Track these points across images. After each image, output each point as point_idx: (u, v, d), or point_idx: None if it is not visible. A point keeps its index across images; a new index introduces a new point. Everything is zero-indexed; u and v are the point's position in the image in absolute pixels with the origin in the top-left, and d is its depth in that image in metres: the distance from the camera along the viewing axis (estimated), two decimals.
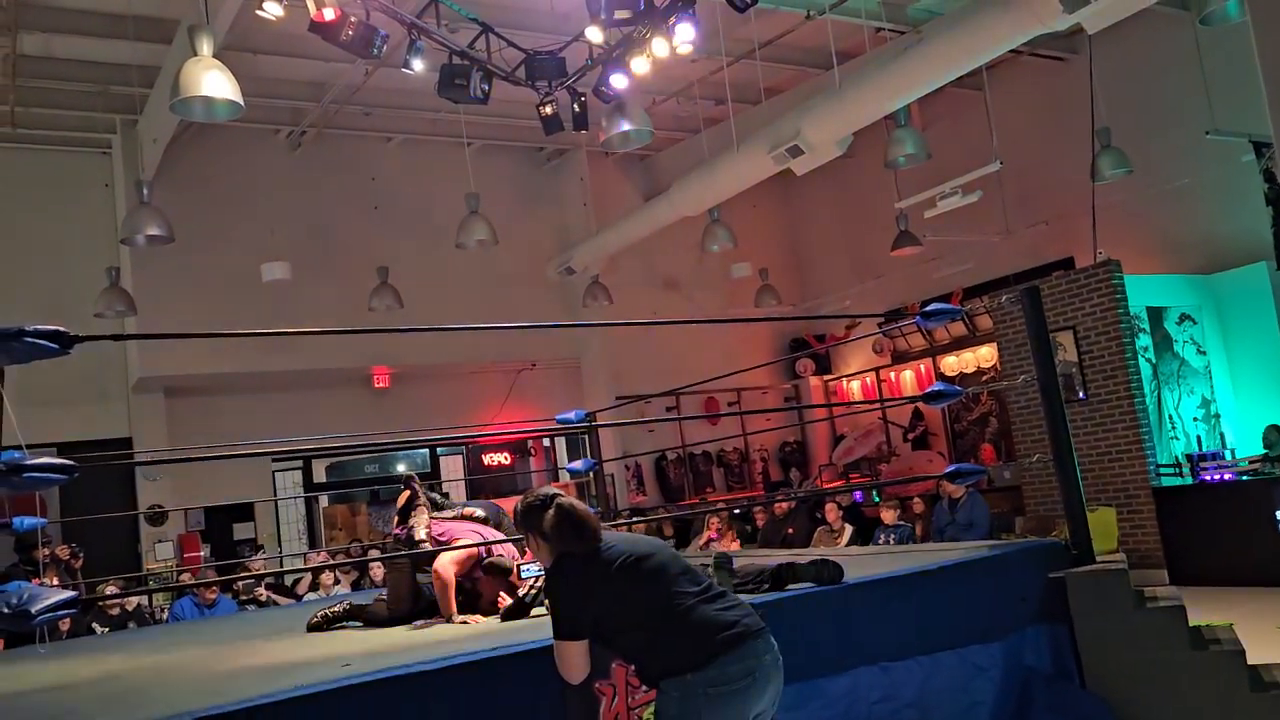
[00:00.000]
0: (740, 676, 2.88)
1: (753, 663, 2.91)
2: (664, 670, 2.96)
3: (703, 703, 2.86)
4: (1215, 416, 9.70)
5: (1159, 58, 10.35)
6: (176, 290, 10.84)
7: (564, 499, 3.13)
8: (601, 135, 8.22)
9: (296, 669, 3.73)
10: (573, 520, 3.07)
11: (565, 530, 3.06)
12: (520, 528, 3.22)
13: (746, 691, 2.88)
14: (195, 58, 6.19)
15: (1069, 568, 4.66)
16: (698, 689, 2.87)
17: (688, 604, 2.99)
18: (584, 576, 3.04)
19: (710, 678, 2.86)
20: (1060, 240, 11.26)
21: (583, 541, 3.07)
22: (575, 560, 3.06)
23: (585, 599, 3.02)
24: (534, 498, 3.17)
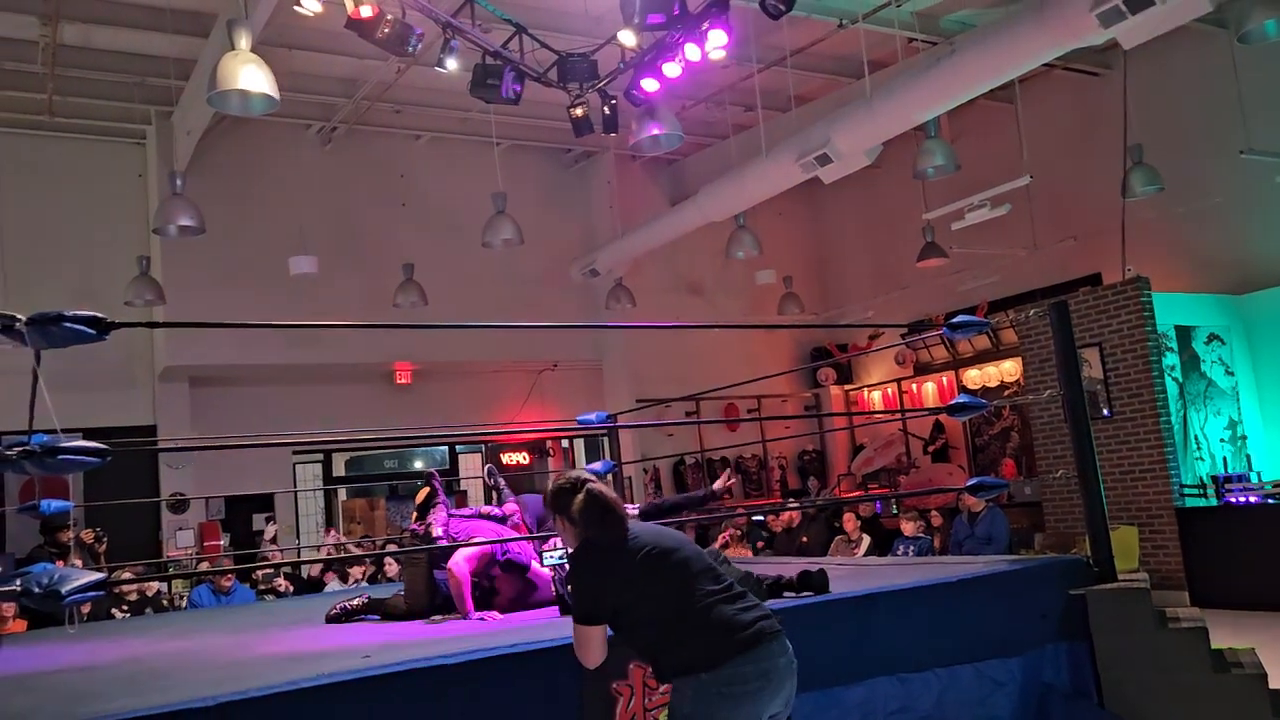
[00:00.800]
0: (754, 678, 2.87)
1: (767, 665, 2.89)
2: (679, 668, 2.95)
3: (717, 702, 2.85)
4: (1242, 438, 9.61)
5: (1194, 75, 10.27)
6: (205, 281, 10.94)
7: (595, 485, 3.13)
8: (631, 138, 8.24)
9: (316, 659, 3.76)
10: (600, 507, 3.06)
11: (592, 516, 3.06)
12: (549, 509, 3.22)
13: (760, 693, 2.87)
14: (233, 52, 6.26)
15: (1090, 585, 4.62)
16: (711, 688, 2.86)
17: (706, 602, 2.98)
18: (605, 564, 3.04)
19: (724, 677, 2.85)
20: (1088, 256, 11.19)
21: (607, 529, 3.06)
22: (599, 547, 3.06)
23: (605, 586, 3.02)
24: (565, 480, 3.17)
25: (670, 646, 2.98)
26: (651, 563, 3.03)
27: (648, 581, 3.01)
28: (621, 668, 3.53)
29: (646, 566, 3.03)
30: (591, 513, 3.06)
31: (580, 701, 3.47)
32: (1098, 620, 4.53)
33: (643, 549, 3.05)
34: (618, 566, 3.03)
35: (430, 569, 5.16)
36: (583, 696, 3.47)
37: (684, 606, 2.98)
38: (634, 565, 3.03)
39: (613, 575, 3.03)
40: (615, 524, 3.08)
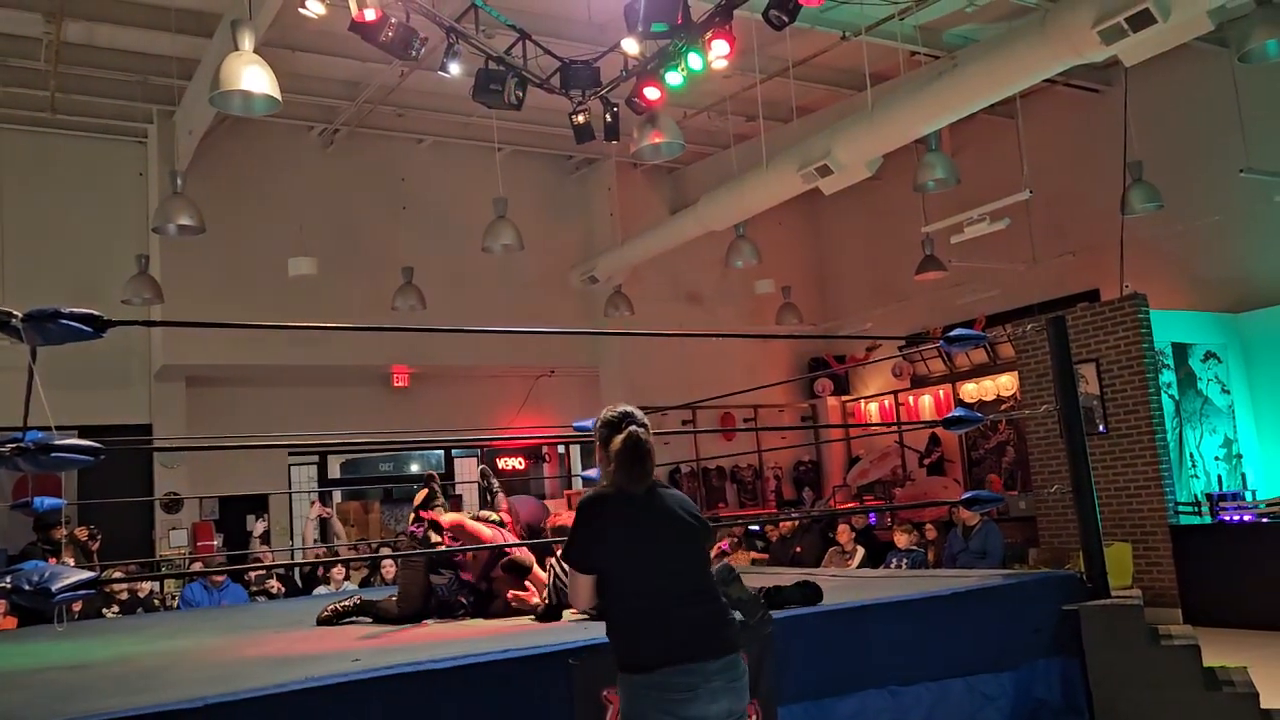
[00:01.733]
0: (682, 689, 2.82)
1: (697, 679, 2.83)
2: (623, 662, 2.95)
3: (645, 706, 2.83)
4: (1237, 457, 9.61)
5: (1195, 93, 10.30)
6: (203, 281, 10.94)
7: (638, 429, 3.07)
8: (632, 146, 8.25)
9: (306, 661, 3.75)
10: (634, 455, 3.02)
11: (623, 458, 3.02)
12: (596, 433, 3.18)
13: (684, 704, 2.81)
14: (236, 52, 6.26)
15: (1083, 601, 4.63)
16: (642, 690, 2.85)
17: (665, 602, 2.93)
18: (607, 516, 3.01)
19: (654, 682, 2.83)
20: (1087, 272, 11.20)
21: (628, 479, 3.02)
22: (612, 499, 3.03)
23: (598, 539, 3.00)
24: (617, 414, 3.14)
25: (622, 634, 2.97)
26: (651, 535, 3.00)
27: (639, 554, 2.97)
28: (612, 675, 3.52)
29: (645, 537, 3.00)
30: (624, 455, 3.02)
31: (571, 708, 3.46)
32: (1090, 636, 4.53)
33: (647, 518, 3.01)
34: (623, 521, 3.00)
35: (427, 573, 5.14)
36: (574, 703, 3.46)
37: (653, 597, 2.94)
38: (636, 530, 3.00)
39: (608, 529, 3.00)
40: (637, 477, 3.03)
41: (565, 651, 3.49)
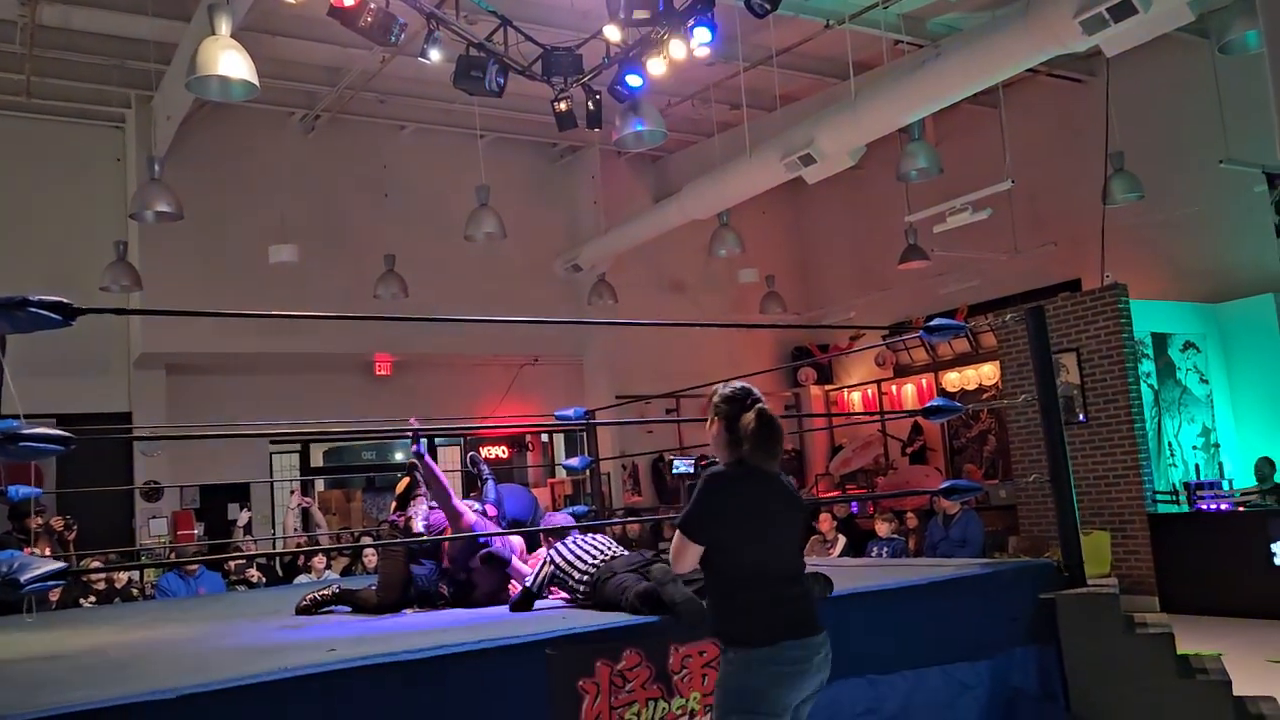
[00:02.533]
0: (800, 660, 2.95)
1: (810, 653, 2.98)
2: (735, 636, 3.00)
3: (765, 678, 2.93)
4: (1215, 446, 9.68)
5: (1176, 84, 10.34)
6: (183, 268, 10.85)
7: (765, 405, 3.14)
8: (615, 134, 8.22)
9: (282, 651, 3.73)
10: (770, 431, 3.07)
11: (758, 436, 3.05)
12: (712, 410, 3.18)
13: (801, 676, 2.95)
14: (213, 36, 6.19)
15: (1060, 589, 4.65)
16: (761, 664, 2.93)
17: (778, 579, 3.04)
18: (738, 492, 3.05)
19: (775, 656, 2.93)
20: (1068, 262, 11.25)
21: (764, 455, 3.07)
22: (736, 476, 3.06)
23: (725, 514, 3.03)
24: (739, 389, 3.18)
25: (736, 611, 3.02)
26: (769, 516, 3.06)
27: (757, 529, 3.03)
28: (588, 665, 3.53)
29: (766, 514, 3.06)
30: (761, 431, 3.05)
31: (548, 698, 3.46)
32: (1066, 625, 4.55)
33: (771, 496, 3.09)
34: (746, 499, 3.04)
35: (407, 562, 5.12)
36: (550, 694, 3.46)
37: (768, 574, 3.02)
38: (757, 508, 3.05)
39: (737, 505, 3.04)
40: (774, 453, 3.10)
41: (541, 642, 3.48)
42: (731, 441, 3.10)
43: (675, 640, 3.74)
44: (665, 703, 3.70)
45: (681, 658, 3.76)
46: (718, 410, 3.16)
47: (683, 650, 3.75)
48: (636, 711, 3.63)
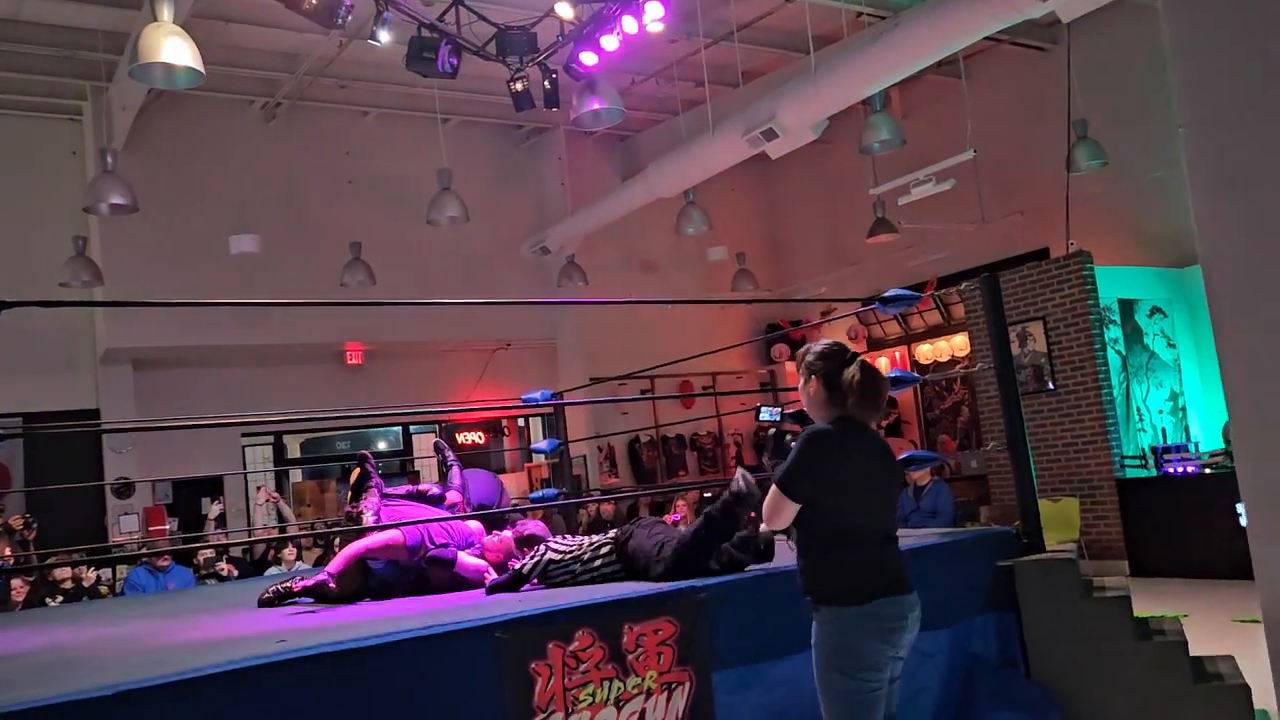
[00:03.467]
0: (895, 618, 2.98)
1: (905, 609, 3.01)
2: (830, 595, 3.01)
3: (861, 636, 2.96)
4: (1182, 410, 9.75)
5: (1137, 49, 10.32)
6: (144, 261, 10.73)
7: (865, 359, 3.13)
8: (572, 113, 8.15)
9: (235, 644, 3.69)
10: (875, 385, 3.06)
11: (864, 390, 3.03)
12: (806, 369, 3.16)
13: (893, 634, 2.99)
14: (155, 23, 6.08)
15: (1019, 556, 4.66)
16: (857, 622, 2.96)
17: (875, 538, 3.05)
18: (835, 451, 3.02)
19: (870, 613, 2.95)
20: (1035, 231, 11.26)
21: (870, 409, 3.08)
22: (837, 435, 3.03)
23: (825, 472, 3.01)
24: (833, 345, 3.18)
25: (830, 570, 3.03)
26: (869, 476, 3.05)
27: (857, 490, 3.02)
28: (540, 647, 3.50)
29: (865, 472, 3.04)
30: (866, 385, 3.04)
31: (500, 682, 3.44)
32: (1024, 591, 4.57)
33: (871, 455, 3.08)
34: (848, 458, 3.02)
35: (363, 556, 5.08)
36: (502, 678, 3.44)
37: (867, 532, 3.03)
38: (858, 466, 3.03)
39: (839, 464, 3.02)
40: (878, 407, 3.09)
41: (492, 625, 3.45)
42: (833, 398, 3.08)
43: (629, 619, 3.72)
44: (620, 682, 3.68)
45: (636, 636, 3.74)
46: (813, 368, 3.14)
47: (637, 629, 3.74)
48: (591, 692, 3.61)
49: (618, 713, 3.64)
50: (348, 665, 3.21)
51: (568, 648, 3.56)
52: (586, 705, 3.57)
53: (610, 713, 3.62)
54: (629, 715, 3.66)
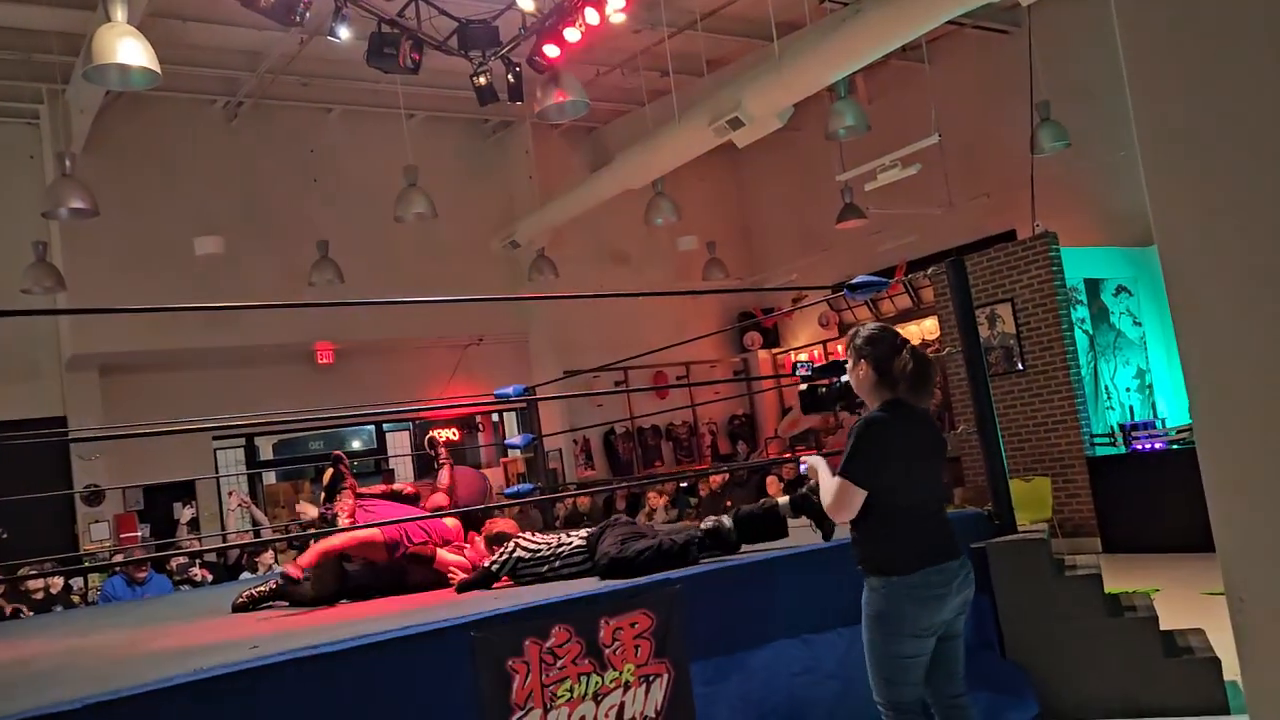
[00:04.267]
0: (939, 585, 3.06)
1: (950, 576, 3.09)
2: (880, 565, 3.10)
3: (906, 603, 3.04)
4: (1149, 387, 9.86)
5: (1096, 31, 10.38)
6: (108, 265, 10.58)
7: (915, 345, 3.18)
8: (537, 106, 8.10)
9: (206, 651, 3.65)
10: (927, 372, 3.13)
11: (915, 376, 3.10)
12: (855, 352, 3.20)
13: (943, 599, 3.07)
14: (109, 24, 5.97)
15: (991, 538, 4.70)
16: (902, 590, 3.05)
17: (924, 511, 3.14)
18: (893, 437, 3.08)
19: (915, 581, 3.04)
20: (1002, 213, 11.33)
21: (921, 394, 3.14)
22: (893, 420, 3.09)
23: (888, 458, 3.07)
24: (882, 329, 3.23)
25: (881, 541, 3.10)
26: (920, 453, 3.13)
27: (909, 468, 3.10)
28: (516, 645, 3.49)
29: (919, 453, 3.13)
30: (918, 372, 3.10)
31: (476, 681, 3.42)
32: (998, 572, 4.61)
33: (923, 434, 3.16)
34: (904, 442, 3.09)
35: (340, 555, 5.05)
36: (478, 676, 3.42)
37: (916, 507, 3.12)
38: (913, 447, 3.11)
39: (897, 449, 3.08)
40: (930, 392, 3.17)
41: (466, 624, 3.44)
42: (883, 383, 3.14)
43: (605, 614, 3.72)
44: (598, 676, 3.68)
45: (612, 630, 3.74)
46: (862, 353, 3.18)
47: (613, 623, 3.74)
48: (569, 688, 3.60)
49: (596, 707, 3.64)
50: (321, 669, 3.19)
51: (544, 644, 3.56)
52: (565, 701, 3.57)
53: (589, 707, 3.62)
54: (608, 709, 3.66)
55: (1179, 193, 1.69)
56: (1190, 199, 1.66)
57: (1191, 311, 1.71)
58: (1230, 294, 1.65)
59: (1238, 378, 1.66)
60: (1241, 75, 1.58)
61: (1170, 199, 1.70)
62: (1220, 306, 1.67)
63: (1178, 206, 1.69)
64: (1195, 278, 1.69)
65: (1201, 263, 1.68)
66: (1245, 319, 1.61)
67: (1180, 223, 1.69)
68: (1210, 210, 1.63)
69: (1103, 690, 4.33)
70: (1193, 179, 1.66)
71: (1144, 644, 4.32)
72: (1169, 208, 1.70)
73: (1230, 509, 1.67)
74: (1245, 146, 1.58)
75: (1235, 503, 1.67)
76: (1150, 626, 4.36)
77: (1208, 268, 1.67)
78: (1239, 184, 1.60)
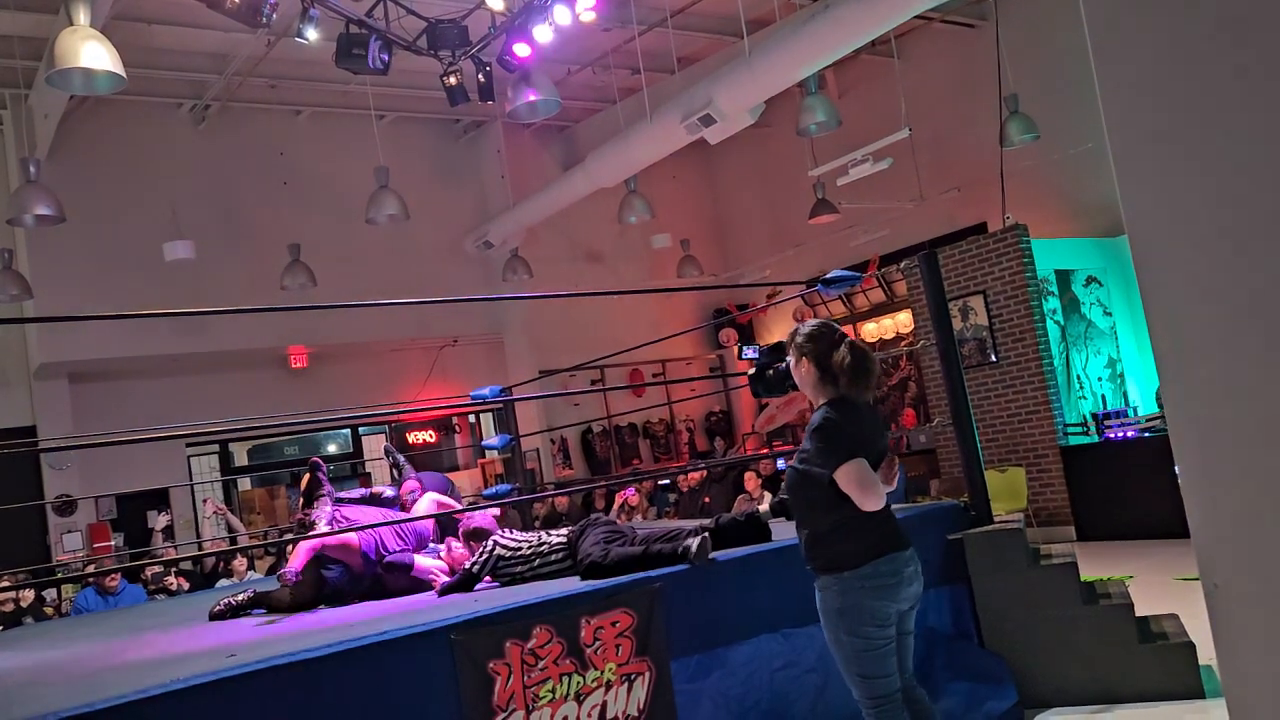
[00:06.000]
0: (890, 575, 3.09)
1: (900, 566, 3.12)
2: (830, 563, 3.12)
3: (860, 595, 3.07)
4: (1120, 376, 9.97)
5: (1063, 23, 10.48)
6: (75, 272, 10.44)
7: (854, 339, 3.19)
8: (508, 105, 8.07)
9: (183, 661, 3.61)
10: (865, 363, 3.13)
11: (854, 369, 3.11)
12: (797, 350, 3.22)
13: (892, 589, 3.09)
14: (72, 28, 5.89)
15: (967, 529, 4.73)
16: (855, 583, 3.07)
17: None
18: (846, 424, 3.09)
19: (865, 573, 3.07)
20: (973, 206, 11.41)
21: (861, 387, 3.15)
22: (844, 410, 3.11)
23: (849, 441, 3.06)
24: (824, 326, 3.23)
25: (830, 539, 3.11)
26: (869, 441, 3.11)
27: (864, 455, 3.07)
28: (497, 647, 3.48)
29: (867, 445, 3.09)
30: (856, 364, 3.11)
31: (457, 684, 3.41)
32: (975, 562, 4.64)
33: (870, 425, 3.17)
34: (855, 435, 3.09)
35: (316, 561, 5.01)
36: (459, 679, 3.41)
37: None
38: (863, 438, 3.10)
39: (856, 430, 3.09)
40: (870, 384, 3.18)
41: (446, 627, 3.42)
42: (825, 378, 3.16)
43: (585, 613, 3.71)
44: (580, 676, 3.67)
45: (593, 630, 3.73)
46: (803, 350, 3.20)
47: (594, 622, 3.73)
48: (551, 688, 3.59)
49: (579, 707, 3.63)
50: (300, 677, 3.16)
51: (525, 645, 3.54)
52: (547, 702, 3.56)
53: (571, 707, 3.62)
54: (590, 709, 3.65)
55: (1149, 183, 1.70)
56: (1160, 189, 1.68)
57: (1162, 300, 1.72)
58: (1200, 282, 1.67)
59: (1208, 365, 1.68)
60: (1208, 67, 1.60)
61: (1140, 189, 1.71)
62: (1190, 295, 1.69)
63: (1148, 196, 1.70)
64: (1165, 267, 1.71)
65: (1171, 252, 1.70)
66: (1215, 307, 1.63)
67: (1150, 212, 1.70)
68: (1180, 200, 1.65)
69: (1080, 677, 4.37)
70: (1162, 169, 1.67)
71: (1119, 630, 4.36)
72: (1139, 198, 1.72)
73: (1203, 496, 1.69)
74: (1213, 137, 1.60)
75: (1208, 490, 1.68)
76: (1125, 613, 4.40)
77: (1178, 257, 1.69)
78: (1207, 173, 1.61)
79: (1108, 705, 4.27)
